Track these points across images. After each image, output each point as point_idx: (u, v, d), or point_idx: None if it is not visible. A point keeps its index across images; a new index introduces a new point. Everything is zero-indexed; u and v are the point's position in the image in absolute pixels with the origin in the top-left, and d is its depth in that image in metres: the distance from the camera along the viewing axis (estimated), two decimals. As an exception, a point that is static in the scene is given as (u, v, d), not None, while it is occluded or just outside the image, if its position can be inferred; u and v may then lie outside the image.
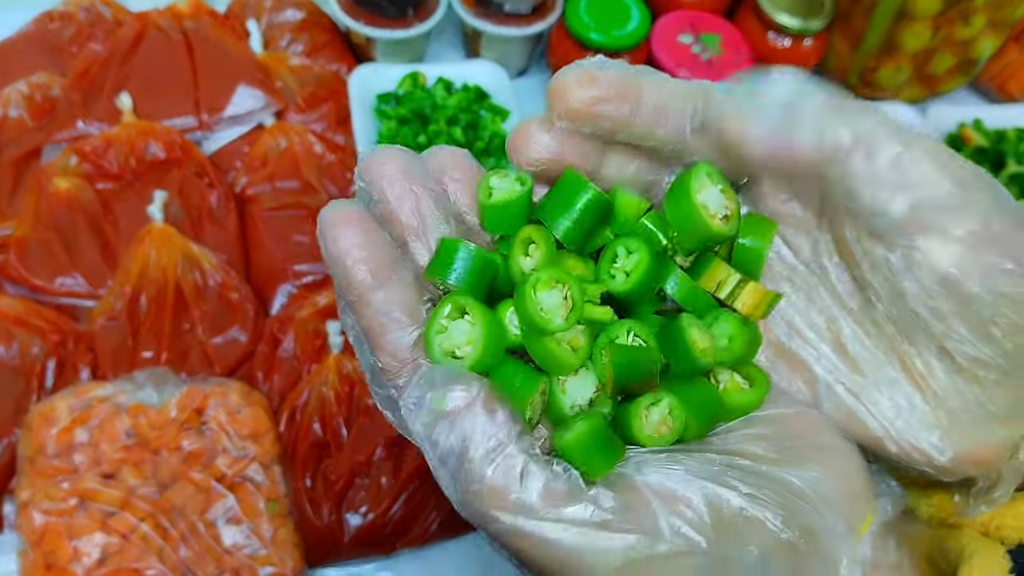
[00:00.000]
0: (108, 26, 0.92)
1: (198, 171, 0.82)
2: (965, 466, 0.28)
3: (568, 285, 0.26)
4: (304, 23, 0.95)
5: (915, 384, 0.28)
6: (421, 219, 0.27)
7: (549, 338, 0.27)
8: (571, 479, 0.25)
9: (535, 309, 0.26)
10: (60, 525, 0.60)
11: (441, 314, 0.26)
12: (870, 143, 0.26)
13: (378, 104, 0.93)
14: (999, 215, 0.26)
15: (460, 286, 0.27)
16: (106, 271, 0.76)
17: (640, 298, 0.28)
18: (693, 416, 0.27)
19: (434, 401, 0.24)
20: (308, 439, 0.69)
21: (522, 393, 0.26)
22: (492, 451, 0.24)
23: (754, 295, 0.28)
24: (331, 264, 0.27)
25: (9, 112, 0.84)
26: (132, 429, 0.64)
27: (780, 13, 0.95)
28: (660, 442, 0.27)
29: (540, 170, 0.28)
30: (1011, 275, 0.25)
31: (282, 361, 0.73)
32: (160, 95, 0.85)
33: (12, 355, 0.69)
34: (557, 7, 0.96)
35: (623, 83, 0.27)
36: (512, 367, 0.27)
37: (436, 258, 0.27)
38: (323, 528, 0.67)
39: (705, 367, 0.27)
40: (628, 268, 0.28)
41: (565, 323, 0.26)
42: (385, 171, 0.27)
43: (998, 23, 0.95)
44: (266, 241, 0.81)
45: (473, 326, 0.26)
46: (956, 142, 1.03)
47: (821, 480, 0.27)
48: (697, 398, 0.28)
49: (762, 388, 0.29)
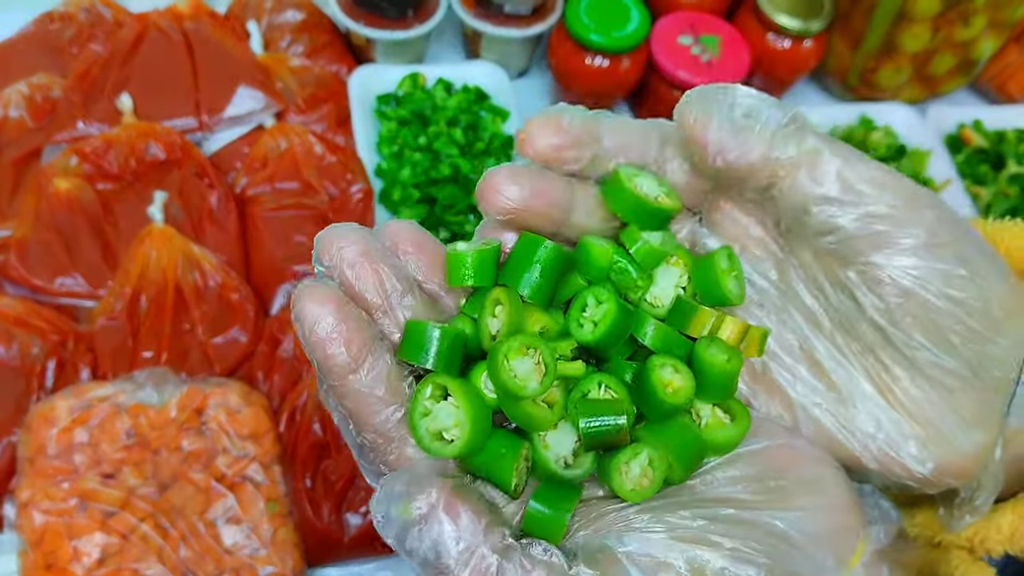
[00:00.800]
0: (108, 27, 0.92)
1: (198, 172, 0.82)
2: (946, 477, 0.28)
3: (539, 349, 0.27)
4: (304, 24, 0.96)
5: (888, 397, 0.28)
6: (386, 297, 0.28)
7: (525, 400, 0.27)
8: (551, 564, 0.25)
9: (509, 377, 0.26)
10: (60, 525, 0.60)
11: (423, 395, 0.27)
12: (816, 160, 0.27)
13: (378, 105, 0.93)
14: (946, 226, 0.27)
15: (434, 367, 0.27)
16: (106, 271, 0.76)
17: (610, 347, 0.29)
18: (675, 460, 0.28)
19: (398, 513, 0.25)
20: (308, 439, 0.69)
21: (507, 464, 0.27)
22: (463, 554, 0.24)
23: (738, 331, 0.29)
24: (309, 350, 0.27)
25: (9, 113, 0.84)
26: (132, 429, 0.64)
27: (780, 14, 0.95)
28: (642, 496, 0.27)
29: (508, 219, 0.28)
30: (964, 281, 0.26)
31: (282, 361, 0.73)
32: (160, 96, 0.85)
33: (12, 355, 0.69)
34: (557, 8, 0.96)
35: (584, 128, 0.28)
36: (496, 439, 0.28)
37: (405, 341, 0.27)
38: (323, 528, 0.67)
39: (677, 408, 0.28)
40: (596, 318, 0.28)
41: (540, 387, 0.26)
42: (344, 254, 0.27)
43: (998, 24, 0.95)
44: (266, 241, 0.81)
45: (458, 408, 0.27)
46: (956, 142, 1.03)
47: (807, 518, 0.27)
48: (677, 441, 0.28)
49: (743, 422, 0.29)
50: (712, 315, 0.29)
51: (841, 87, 1.06)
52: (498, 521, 0.26)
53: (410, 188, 0.85)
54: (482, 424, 0.27)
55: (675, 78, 0.93)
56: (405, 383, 0.27)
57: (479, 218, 0.93)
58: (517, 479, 0.27)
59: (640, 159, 0.29)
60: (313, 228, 0.82)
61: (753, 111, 0.27)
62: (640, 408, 0.28)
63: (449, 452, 0.26)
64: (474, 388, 0.27)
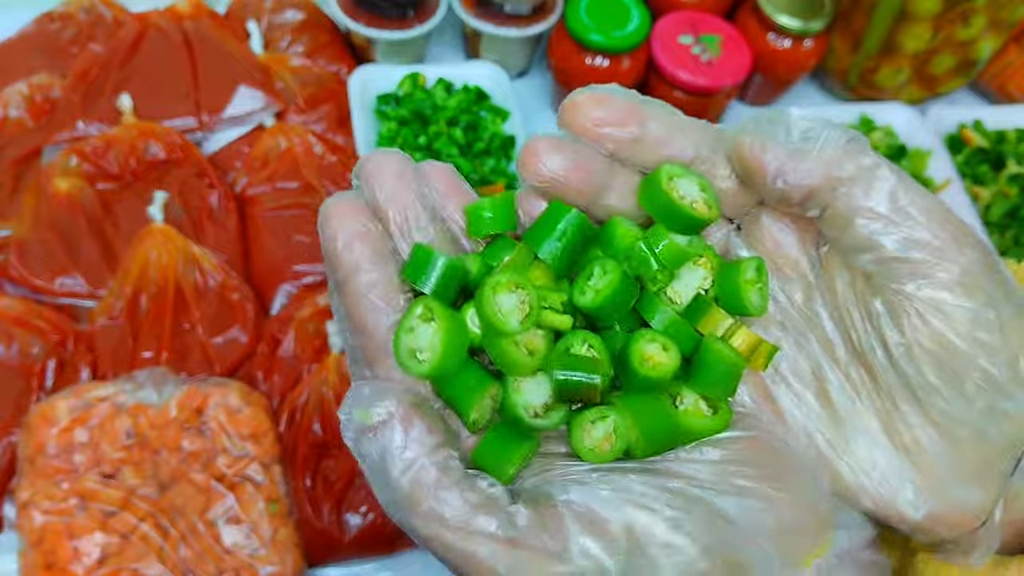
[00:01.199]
0: (108, 27, 0.92)
1: (198, 171, 0.82)
2: (939, 527, 0.28)
3: (528, 291, 0.27)
4: (304, 24, 0.96)
5: (893, 438, 0.28)
6: (406, 219, 0.29)
7: (506, 339, 0.28)
8: (490, 493, 0.26)
9: (492, 310, 0.27)
10: (60, 525, 0.60)
11: (413, 314, 0.27)
12: (872, 177, 0.27)
13: (378, 105, 0.93)
14: (983, 268, 0.26)
15: (430, 292, 0.28)
16: (106, 271, 0.76)
17: (609, 316, 0.29)
18: (642, 433, 0.28)
19: (358, 415, 0.26)
20: (308, 439, 0.69)
21: (470, 396, 0.27)
22: (407, 464, 0.25)
23: (749, 342, 0.29)
24: (324, 244, 0.28)
25: (9, 112, 0.84)
26: (132, 429, 0.64)
27: (780, 14, 0.95)
28: (599, 458, 0.27)
29: (544, 187, 0.28)
30: (991, 325, 0.26)
31: (282, 361, 0.73)
32: (160, 96, 0.85)
33: (12, 355, 0.69)
34: (557, 8, 0.96)
35: (630, 107, 0.28)
36: (469, 371, 0.28)
37: (410, 262, 0.28)
38: (323, 528, 0.67)
39: (652, 383, 0.28)
40: (598, 287, 0.29)
41: (520, 326, 0.27)
42: (379, 171, 0.29)
43: (998, 24, 0.95)
44: (266, 241, 0.81)
45: (436, 332, 0.27)
46: (956, 142, 1.03)
47: (762, 510, 0.27)
48: (649, 416, 0.28)
49: (724, 417, 0.29)
50: (728, 319, 0.29)
51: (841, 87, 1.06)
52: (450, 444, 0.26)
53: (410, 188, 0.85)
54: (454, 350, 0.27)
55: (675, 78, 0.93)
56: (403, 297, 0.28)
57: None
58: (478, 414, 0.28)
59: (684, 155, 0.28)
60: (313, 228, 0.82)
61: (811, 133, 0.27)
62: (619, 377, 0.29)
63: (417, 371, 0.27)
64: (458, 317, 0.28)
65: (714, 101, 0.96)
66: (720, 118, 1.01)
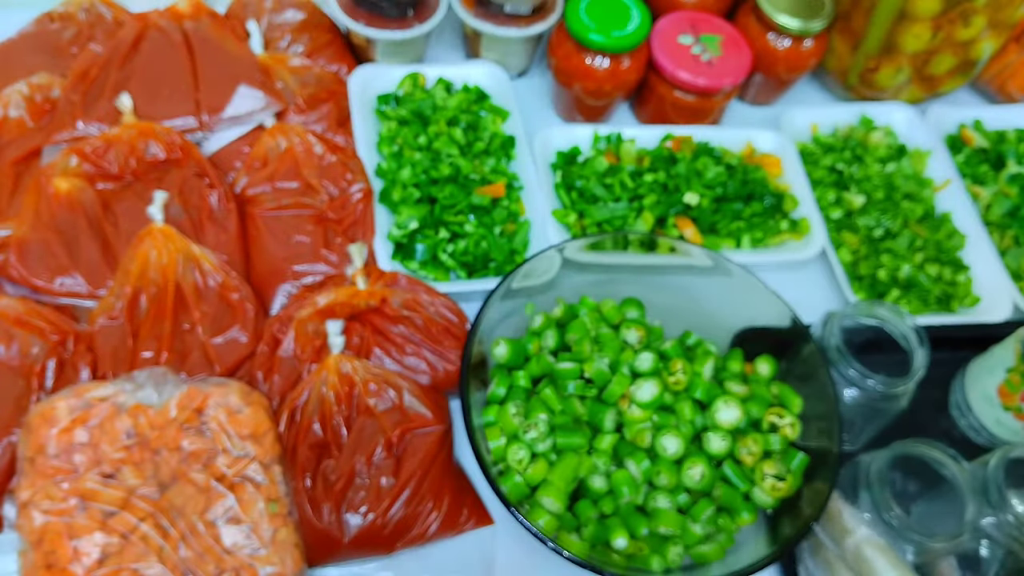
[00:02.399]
0: (108, 27, 0.92)
1: (198, 171, 0.82)
2: None
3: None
4: (304, 24, 0.96)
5: None
6: None
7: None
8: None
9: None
10: (60, 525, 0.60)
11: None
12: None
13: (378, 105, 0.93)
14: None
15: None
16: (106, 271, 0.76)
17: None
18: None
19: None
20: (308, 439, 0.69)
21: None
22: None
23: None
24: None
25: (9, 112, 0.84)
26: (132, 429, 0.64)
27: (780, 14, 0.95)
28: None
29: None
30: None
31: (282, 361, 0.73)
32: (160, 96, 0.85)
33: (12, 355, 0.69)
34: (557, 8, 0.96)
35: None
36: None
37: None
38: (323, 528, 0.67)
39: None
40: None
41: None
42: None
43: (998, 24, 0.95)
44: (266, 241, 0.81)
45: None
46: (956, 142, 1.03)
47: None
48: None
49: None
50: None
51: (841, 87, 1.06)
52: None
53: (410, 188, 0.85)
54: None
55: (675, 78, 0.93)
56: None
57: (479, 218, 0.94)
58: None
59: None
60: (313, 228, 0.82)
61: None
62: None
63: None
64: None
65: (714, 101, 0.96)
66: (720, 118, 1.01)
